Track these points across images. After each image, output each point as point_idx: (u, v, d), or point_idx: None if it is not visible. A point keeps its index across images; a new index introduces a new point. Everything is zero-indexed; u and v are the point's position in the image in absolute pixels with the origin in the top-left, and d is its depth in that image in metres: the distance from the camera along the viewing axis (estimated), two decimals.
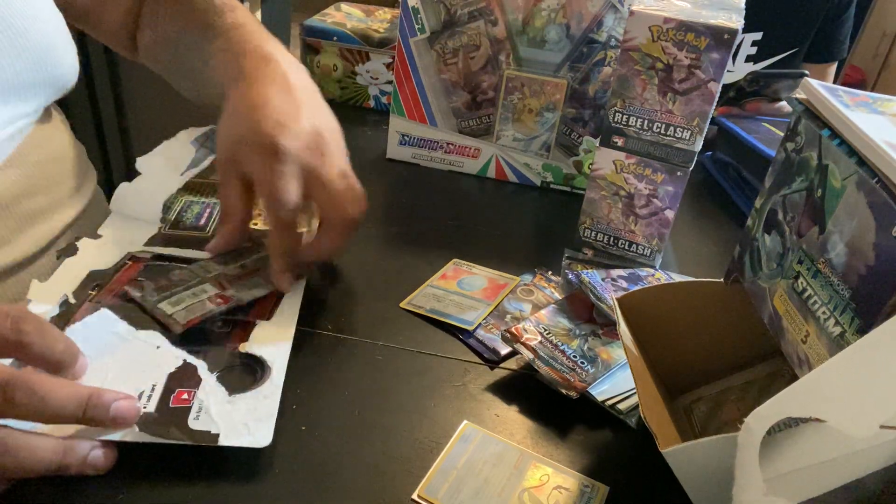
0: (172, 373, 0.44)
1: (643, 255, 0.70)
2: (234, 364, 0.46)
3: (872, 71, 2.93)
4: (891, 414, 0.30)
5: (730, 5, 0.63)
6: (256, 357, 0.47)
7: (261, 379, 0.45)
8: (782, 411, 0.33)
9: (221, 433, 0.41)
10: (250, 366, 0.46)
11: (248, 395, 0.44)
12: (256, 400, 0.44)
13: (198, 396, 0.43)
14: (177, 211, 0.60)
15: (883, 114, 0.40)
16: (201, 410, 0.42)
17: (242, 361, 0.46)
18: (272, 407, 0.43)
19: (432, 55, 0.79)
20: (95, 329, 0.46)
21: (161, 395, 0.43)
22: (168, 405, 0.42)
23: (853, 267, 0.37)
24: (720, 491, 0.35)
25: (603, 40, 0.75)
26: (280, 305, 0.52)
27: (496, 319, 0.59)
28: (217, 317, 0.49)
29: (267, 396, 0.44)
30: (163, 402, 0.42)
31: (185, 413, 0.42)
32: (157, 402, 0.42)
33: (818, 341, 0.39)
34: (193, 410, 0.42)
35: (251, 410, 0.43)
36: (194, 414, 0.42)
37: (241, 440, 0.41)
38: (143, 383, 0.43)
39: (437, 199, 0.79)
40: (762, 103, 0.95)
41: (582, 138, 0.80)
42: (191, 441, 0.40)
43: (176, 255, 0.55)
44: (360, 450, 0.45)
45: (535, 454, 0.47)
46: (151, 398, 0.42)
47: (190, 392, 0.43)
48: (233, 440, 0.41)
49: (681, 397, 0.53)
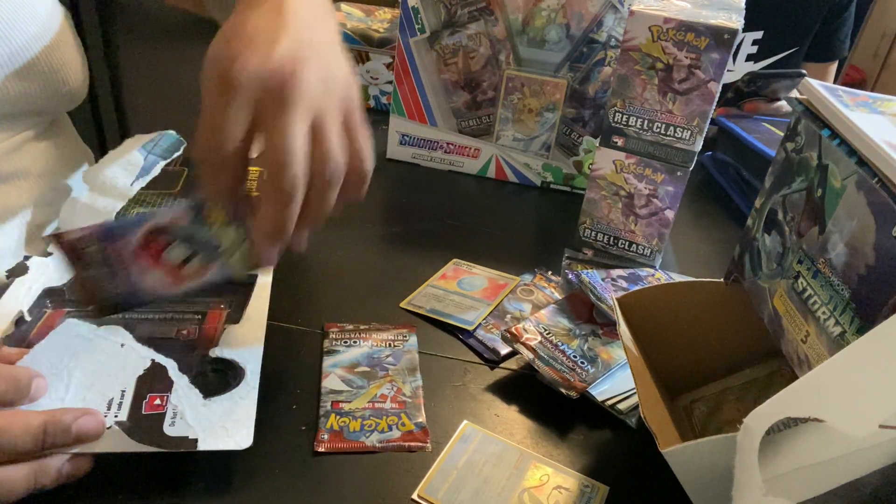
0: (141, 375, 0.43)
1: (643, 255, 0.70)
2: (205, 370, 0.45)
3: (872, 71, 2.93)
4: (889, 413, 0.30)
5: (730, 5, 0.63)
6: (228, 361, 0.46)
7: (234, 382, 0.44)
8: (781, 411, 0.33)
9: (200, 438, 0.40)
10: (222, 370, 0.45)
11: (224, 398, 0.43)
12: (233, 402, 0.42)
13: (171, 401, 0.42)
14: None
15: (883, 114, 0.40)
16: (176, 416, 0.41)
17: (214, 367, 0.45)
18: (250, 408, 0.42)
19: (432, 55, 0.79)
20: (58, 341, 0.44)
21: (132, 401, 0.41)
22: (141, 412, 0.41)
23: (853, 267, 0.37)
24: (720, 491, 0.35)
25: (603, 40, 0.75)
26: (247, 308, 0.50)
27: (496, 319, 0.59)
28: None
29: (243, 398, 0.43)
30: (135, 409, 0.41)
31: (160, 420, 0.40)
32: (129, 410, 0.41)
33: (818, 341, 0.39)
34: (168, 416, 0.41)
35: (228, 413, 0.42)
36: (169, 420, 0.40)
37: (221, 443, 0.40)
38: (112, 390, 0.42)
39: (437, 199, 0.79)
40: (761, 103, 0.95)
41: (582, 138, 0.80)
42: (168, 449, 0.39)
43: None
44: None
45: (535, 454, 0.47)
46: (122, 405, 0.41)
47: (162, 397, 0.42)
48: (212, 444, 0.40)
49: (681, 397, 0.53)
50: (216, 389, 0.43)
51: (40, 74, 0.53)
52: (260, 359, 0.46)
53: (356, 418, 0.47)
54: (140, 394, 0.42)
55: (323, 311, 0.57)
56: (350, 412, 0.47)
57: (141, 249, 0.44)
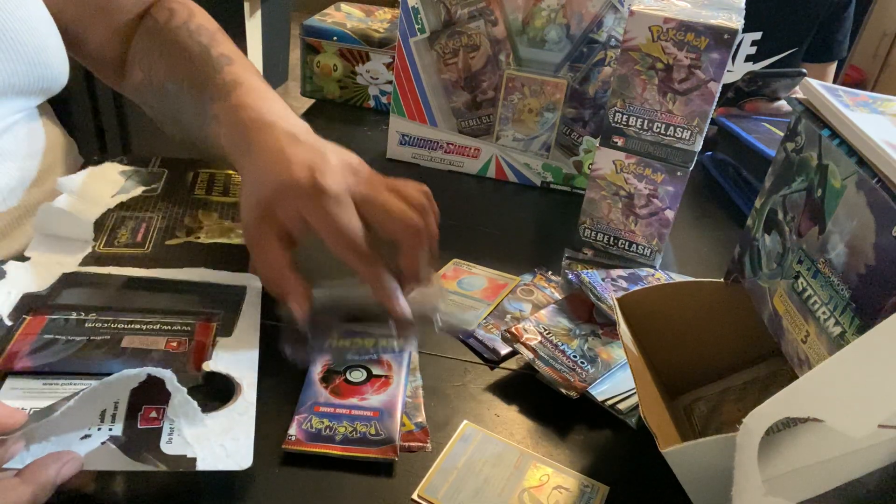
0: (136, 388, 0.40)
1: (643, 255, 0.70)
2: (199, 385, 0.44)
3: (872, 71, 2.93)
4: (889, 413, 0.30)
5: (730, 5, 0.63)
6: (223, 376, 0.44)
7: (232, 397, 0.43)
8: (780, 411, 0.33)
9: (199, 457, 0.39)
10: (217, 386, 0.44)
11: (221, 414, 0.42)
12: (230, 419, 0.41)
13: (167, 416, 0.40)
14: (110, 228, 0.55)
15: (883, 114, 0.40)
16: (173, 432, 0.40)
17: (208, 382, 0.44)
18: (248, 426, 0.41)
19: (432, 55, 0.79)
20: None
21: (126, 413, 0.40)
22: (137, 426, 0.39)
23: (853, 267, 0.37)
24: (720, 491, 0.35)
25: (603, 40, 0.75)
26: (238, 322, 0.49)
27: (496, 319, 0.59)
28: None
29: (241, 414, 0.42)
30: (130, 422, 0.40)
31: (157, 435, 0.39)
32: (124, 423, 0.39)
33: (818, 341, 0.39)
34: (165, 433, 0.39)
35: (226, 430, 0.41)
36: (166, 437, 0.39)
37: (220, 464, 0.39)
38: (104, 401, 0.40)
39: (437, 199, 0.79)
40: (761, 103, 0.95)
41: (582, 138, 0.80)
42: (167, 468, 0.38)
43: (115, 274, 0.51)
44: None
45: (535, 454, 0.47)
46: (116, 418, 0.40)
47: (158, 409, 0.40)
48: (211, 464, 0.38)
49: (681, 397, 0.53)
50: (213, 405, 0.42)
51: (26, 55, 0.53)
52: (256, 372, 0.45)
53: None
54: (135, 405, 0.40)
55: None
56: None
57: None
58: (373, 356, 0.50)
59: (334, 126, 0.94)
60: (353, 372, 0.49)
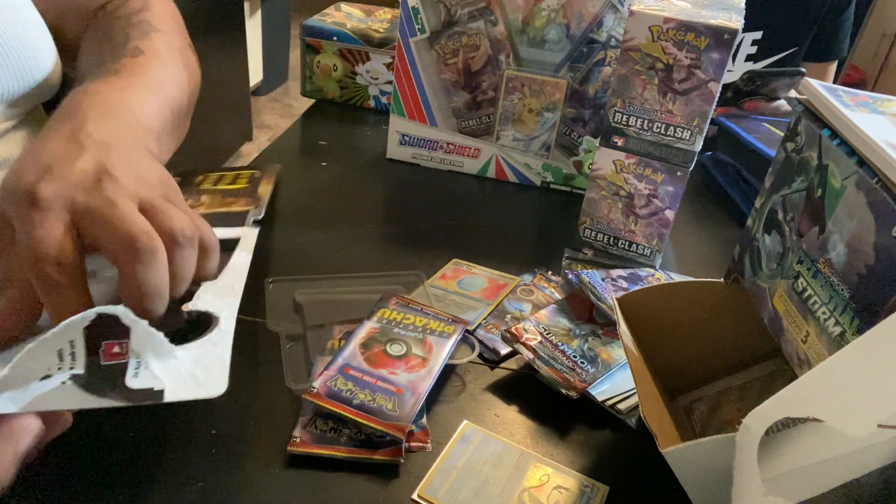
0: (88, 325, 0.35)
1: (643, 255, 0.70)
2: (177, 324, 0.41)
3: (872, 71, 2.93)
4: (888, 413, 0.30)
5: (730, 5, 0.63)
6: (201, 312, 0.42)
7: (207, 329, 0.40)
8: (781, 411, 0.33)
9: (166, 388, 0.36)
10: (194, 322, 0.41)
11: (193, 345, 0.39)
12: (203, 349, 0.39)
13: (132, 348, 0.36)
14: None
15: (883, 114, 0.40)
16: (140, 366, 0.36)
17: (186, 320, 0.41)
18: (223, 353, 0.38)
19: (432, 55, 0.79)
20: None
21: (85, 349, 0.36)
22: (99, 362, 0.36)
23: (853, 267, 0.37)
24: (720, 491, 0.35)
25: (603, 40, 0.75)
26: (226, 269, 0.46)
27: (496, 319, 0.59)
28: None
29: (216, 343, 0.39)
30: (91, 358, 0.36)
31: (122, 370, 0.36)
32: (85, 360, 0.36)
33: (818, 341, 0.39)
34: (131, 367, 0.36)
35: (198, 359, 0.38)
36: (132, 371, 0.36)
37: (191, 392, 0.36)
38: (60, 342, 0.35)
39: (437, 199, 0.79)
40: (760, 102, 0.95)
41: (582, 138, 0.80)
42: (131, 402, 0.35)
43: None
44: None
45: (535, 454, 0.47)
46: (76, 356, 0.36)
47: (122, 344, 0.37)
48: (181, 394, 0.36)
49: (681, 397, 0.53)
50: (186, 338, 0.39)
51: (16, 60, 0.53)
52: (236, 308, 0.42)
53: None
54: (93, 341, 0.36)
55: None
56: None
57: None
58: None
59: (334, 126, 0.94)
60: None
